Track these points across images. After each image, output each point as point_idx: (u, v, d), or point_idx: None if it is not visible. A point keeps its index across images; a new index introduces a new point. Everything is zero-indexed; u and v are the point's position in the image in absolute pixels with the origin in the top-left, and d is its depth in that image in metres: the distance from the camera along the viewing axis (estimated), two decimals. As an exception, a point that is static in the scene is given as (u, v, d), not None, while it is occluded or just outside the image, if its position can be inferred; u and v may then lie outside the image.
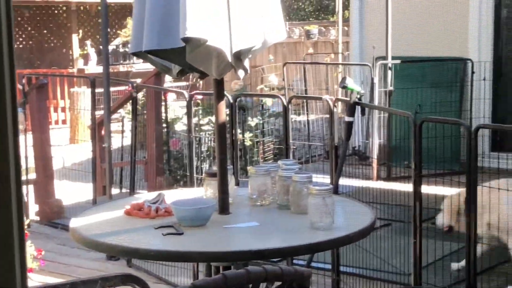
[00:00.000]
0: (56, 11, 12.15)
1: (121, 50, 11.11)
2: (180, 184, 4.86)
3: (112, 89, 5.04)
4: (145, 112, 5.22)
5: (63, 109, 9.79)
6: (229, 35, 2.07)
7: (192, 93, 4.04)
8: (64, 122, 9.70)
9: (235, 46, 2.07)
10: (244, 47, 2.09)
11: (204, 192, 2.45)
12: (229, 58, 2.07)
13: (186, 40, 2.02)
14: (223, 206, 2.23)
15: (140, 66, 10.39)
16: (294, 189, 2.23)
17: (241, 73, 2.17)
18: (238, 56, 2.11)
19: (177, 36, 2.02)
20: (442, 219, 3.48)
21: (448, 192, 3.57)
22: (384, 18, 4.99)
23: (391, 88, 5.08)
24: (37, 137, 4.69)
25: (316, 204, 2.09)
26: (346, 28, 7.74)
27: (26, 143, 4.65)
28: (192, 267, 3.36)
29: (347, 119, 3.32)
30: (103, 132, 4.71)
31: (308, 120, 6.15)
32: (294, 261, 3.60)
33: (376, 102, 5.12)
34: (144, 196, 2.64)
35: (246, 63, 2.18)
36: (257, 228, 2.19)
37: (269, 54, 8.96)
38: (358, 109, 3.61)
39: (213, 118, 3.78)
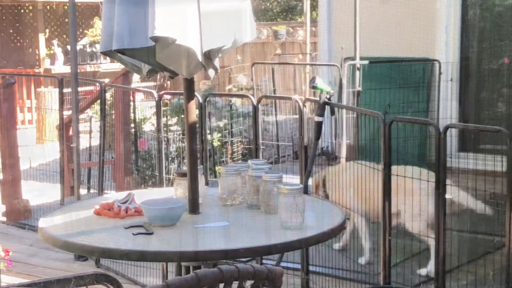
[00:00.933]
0: (22, 11, 11.98)
1: (88, 50, 11.05)
2: (149, 184, 4.87)
3: (79, 89, 4.95)
4: (113, 112, 5.21)
5: (29, 109, 9.72)
6: (199, 34, 2.07)
7: (161, 93, 4.00)
8: (30, 122, 9.65)
9: (205, 46, 2.07)
10: (214, 46, 2.11)
11: (174, 191, 2.46)
12: (200, 58, 2.08)
13: (156, 39, 2.02)
14: (193, 206, 2.24)
15: (107, 66, 10.40)
16: (264, 188, 2.25)
17: (211, 72, 2.18)
18: (208, 56, 2.12)
19: (147, 35, 2.01)
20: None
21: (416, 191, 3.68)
22: (352, 19, 5.01)
23: (360, 88, 5.11)
24: (4, 137, 4.69)
25: (286, 204, 2.11)
26: (314, 28, 7.83)
27: None
28: (162, 267, 3.36)
29: (316, 119, 3.36)
30: (70, 132, 4.67)
31: (276, 120, 6.17)
32: (264, 261, 3.63)
33: (344, 102, 5.16)
34: (113, 196, 2.66)
35: (216, 62, 2.19)
36: (228, 228, 2.21)
37: (237, 54, 8.92)
38: (328, 109, 3.65)
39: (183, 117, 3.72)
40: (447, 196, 2.91)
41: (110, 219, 2.22)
